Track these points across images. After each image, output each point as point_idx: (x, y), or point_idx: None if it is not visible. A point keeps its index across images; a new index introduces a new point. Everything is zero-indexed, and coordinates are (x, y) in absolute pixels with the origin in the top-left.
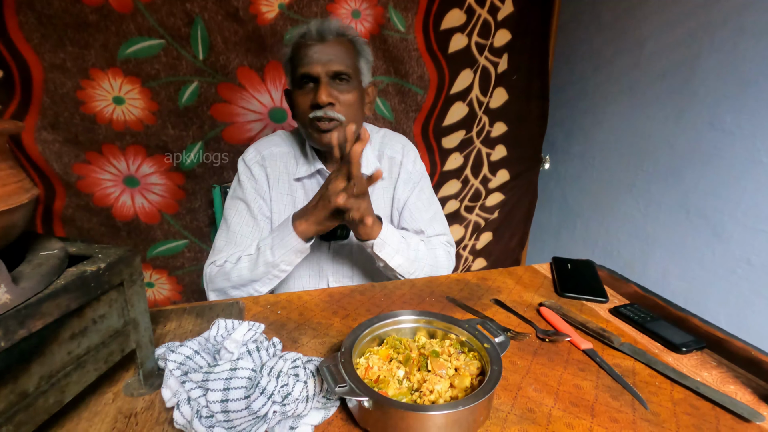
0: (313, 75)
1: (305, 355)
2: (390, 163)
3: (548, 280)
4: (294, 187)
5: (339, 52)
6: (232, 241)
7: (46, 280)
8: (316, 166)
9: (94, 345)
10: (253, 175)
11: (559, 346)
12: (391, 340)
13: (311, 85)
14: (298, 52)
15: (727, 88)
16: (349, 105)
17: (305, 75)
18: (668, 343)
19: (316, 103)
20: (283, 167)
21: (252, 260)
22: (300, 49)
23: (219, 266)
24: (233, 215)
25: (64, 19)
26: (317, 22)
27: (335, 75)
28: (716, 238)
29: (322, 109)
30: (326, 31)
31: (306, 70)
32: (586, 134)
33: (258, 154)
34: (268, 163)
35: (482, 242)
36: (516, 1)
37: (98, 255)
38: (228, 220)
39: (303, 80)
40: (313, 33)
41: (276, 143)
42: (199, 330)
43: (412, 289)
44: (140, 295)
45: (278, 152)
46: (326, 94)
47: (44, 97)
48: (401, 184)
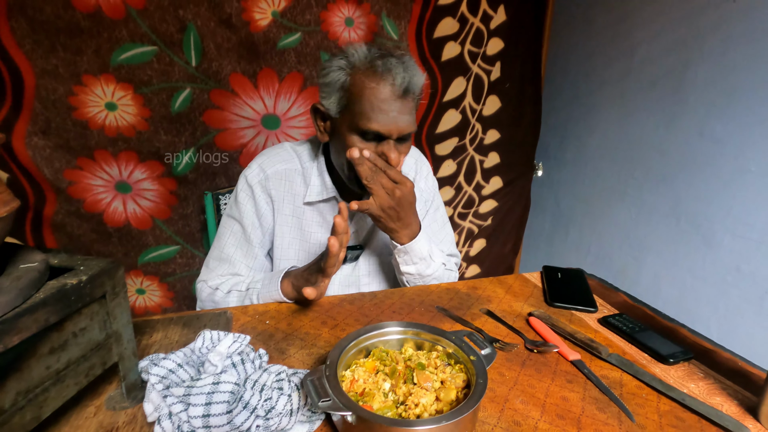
0: (385, 135)
1: (292, 366)
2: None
3: (538, 290)
4: (300, 210)
5: (411, 111)
6: (226, 261)
7: (25, 294)
8: (330, 192)
9: (75, 359)
10: (254, 197)
11: (547, 357)
12: (378, 352)
13: (373, 135)
14: (370, 96)
15: (717, 97)
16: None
17: (375, 133)
18: (656, 353)
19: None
20: (288, 187)
21: (241, 297)
22: (374, 94)
23: (211, 289)
24: (228, 236)
25: (57, 24)
26: (404, 73)
27: (403, 137)
28: (706, 246)
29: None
30: (410, 89)
31: (379, 129)
32: (579, 141)
33: (262, 172)
34: (273, 184)
35: (476, 249)
36: (509, 10)
37: (80, 267)
38: (222, 240)
39: (368, 134)
40: (397, 85)
41: (283, 159)
42: (186, 341)
43: (402, 299)
44: (123, 307)
45: (284, 170)
46: (397, 156)
47: (36, 102)
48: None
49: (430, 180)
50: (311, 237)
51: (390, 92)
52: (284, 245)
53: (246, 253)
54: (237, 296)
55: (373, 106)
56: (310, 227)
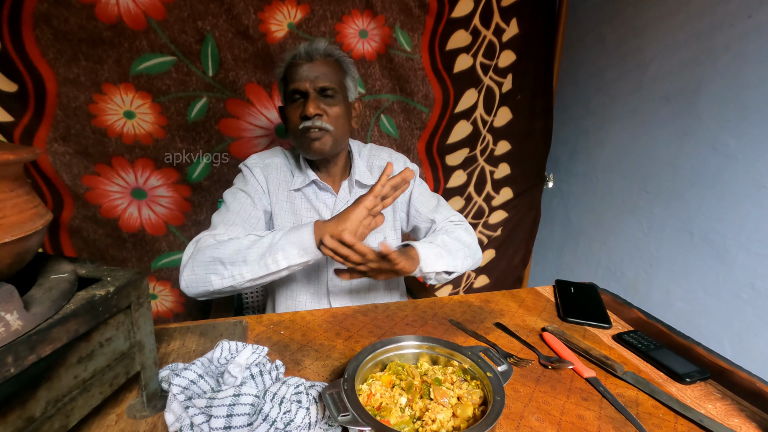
0: (302, 90)
1: (308, 378)
2: (380, 171)
3: (551, 304)
4: (293, 196)
5: (325, 70)
6: (230, 221)
7: (57, 305)
8: (311, 177)
9: (101, 368)
10: (255, 176)
11: (561, 373)
12: (394, 366)
13: (301, 99)
14: (289, 71)
15: (730, 113)
16: (336, 117)
17: (295, 90)
18: (672, 372)
19: (305, 115)
20: (282, 177)
21: (255, 239)
22: (291, 68)
23: (218, 240)
24: (232, 200)
25: (80, 35)
26: (306, 44)
27: (322, 90)
28: (720, 262)
29: (310, 120)
30: (314, 52)
31: (296, 86)
32: (590, 154)
33: (261, 160)
34: (269, 170)
35: (485, 260)
36: (521, 24)
37: (107, 278)
38: (227, 204)
39: (293, 95)
40: (302, 53)
41: (276, 155)
42: (203, 350)
43: (415, 311)
44: (147, 317)
45: (278, 163)
46: (314, 106)
47: (57, 110)
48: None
49: (410, 165)
50: (302, 220)
51: (298, 59)
52: (281, 227)
53: (250, 214)
54: (251, 238)
55: (290, 73)
56: (300, 211)
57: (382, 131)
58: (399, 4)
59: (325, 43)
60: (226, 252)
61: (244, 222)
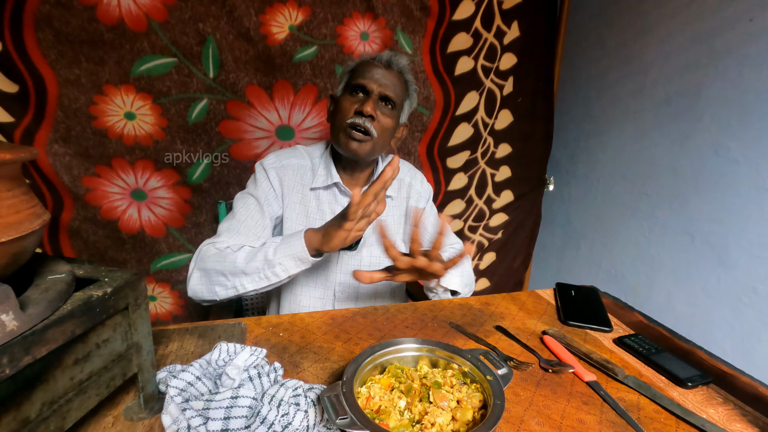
0: (367, 88)
1: (306, 381)
2: (399, 183)
3: (552, 307)
4: (307, 197)
5: (395, 83)
6: (234, 230)
7: (53, 306)
8: (334, 178)
9: (97, 370)
10: (269, 178)
11: (562, 377)
12: (393, 369)
13: (361, 95)
14: (362, 67)
15: (732, 116)
16: (385, 127)
17: (361, 86)
18: (673, 377)
19: (360, 111)
20: (298, 179)
21: (253, 252)
22: (365, 65)
23: (217, 249)
24: (241, 207)
25: (81, 36)
26: (390, 53)
27: (384, 97)
28: (721, 265)
29: (363, 118)
30: (393, 63)
31: (364, 82)
32: (591, 157)
33: (278, 161)
34: (285, 172)
35: (485, 262)
36: (522, 26)
37: (105, 279)
38: (235, 211)
39: (356, 89)
40: (383, 59)
41: (295, 155)
42: (201, 352)
43: (415, 314)
44: (144, 318)
45: (296, 164)
46: (372, 107)
47: (58, 111)
48: (413, 202)
49: (426, 184)
50: (315, 223)
51: (376, 63)
52: (292, 230)
53: (257, 222)
54: (249, 251)
55: (363, 70)
56: (314, 214)
57: None
58: (400, 7)
59: (406, 61)
60: (226, 264)
61: (248, 231)
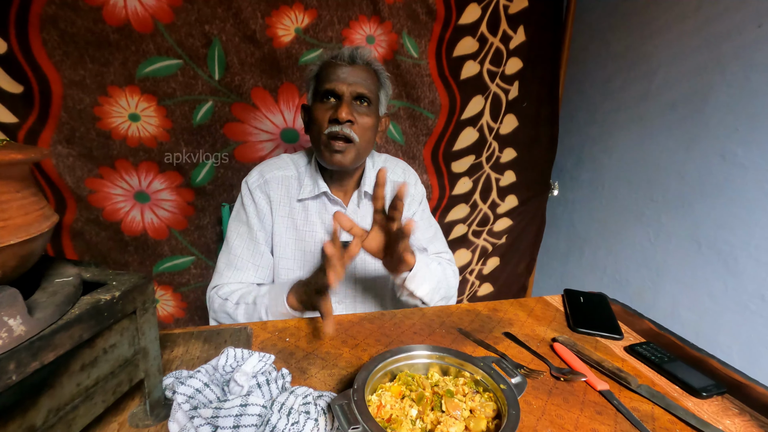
0: (338, 92)
1: (315, 388)
2: (393, 186)
3: (560, 314)
4: (295, 209)
5: (365, 77)
6: (232, 265)
7: (61, 310)
8: (321, 188)
9: (104, 375)
10: (254, 200)
11: (574, 385)
12: (404, 377)
13: (333, 101)
14: (326, 70)
15: (739, 122)
16: (366, 128)
17: (330, 91)
18: (687, 386)
19: (335, 119)
20: (284, 191)
21: (249, 310)
22: (329, 67)
23: (221, 299)
24: (235, 238)
25: (86, 37)
26: (350, 48)
27: (358, 96)
28: (728, 272)
29: (340, 125)
30: (357, 57)
31: (332, 87)
32: (595, 161)
33: (261, 177)
34: (271, 186)
35: (489, 267)
36: (528, 31)
37: (113, 282)
38: (230, 243)
39: (326, 95)
40: (345, 56)
41: (280, 166)
42: (207, 357)
43: (422, 319)
44: (152, 323)
45: (281, 176)
46: (347, 111)
47: (62, 112)
48: (405, 204)
49: (419, 186)
50: (306, 235)
51: (339, 60)
52: (282, 243)
53: (253, 252)
54: (245, 309)
55: (327, 72)
56: (304, 225)
57: (387, 137)
58: (406, 11)
59: (369, 51)
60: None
61: (246, 263)
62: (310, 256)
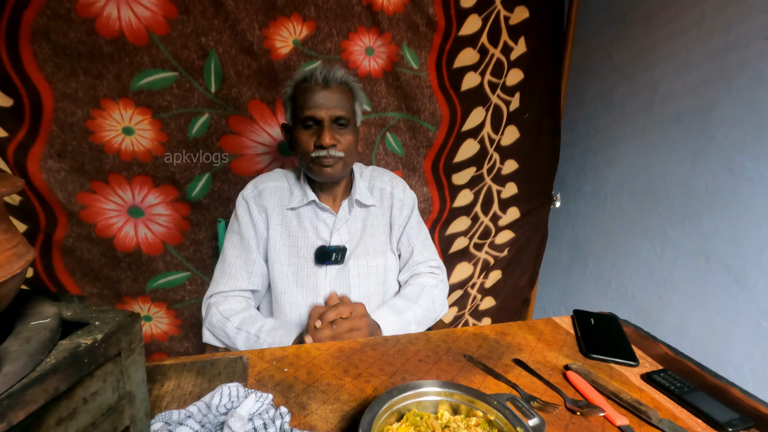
0: (317, 118)
1: (316, 427)
2: (381, 194)
3: (571, 337)
4: (288, 217)
5: (341, 99)
6: (227, 274)
7: (35, 360)
8: (310, 197)
9: (83, 427)
10: (249, 210)
11: (591, 420)
12: (411, 417)
13: (314, 127)
14: (303, 95)
15: (747, 135)
16: (348, 144)
17: (310, 117)
18: (711, 420)
19: (320, 145)
20: (277, 200)
21: (251, 341)
22: (305, 92)
23: (222, 317)
24: (229, 248)
25: (79, 49)
26: (323, 70)
27: (337, 119)
28: (739, 288)
29: (325, 150)
30: (331, 79)
31: (311, 114)
32: (598, 173)
33: (255, 189)
34: (265, 197)
35: (491, 281)
36: (529, 42)
37: (95, 322)
38: (225, 253)
39: (307, 121)
40: (318, 79)
41: (273, 178)
42: (200, 392)
43: (427, 345)
44: (138, 364)
45: (274, 186)
46: (330, 137)
47: (53, 125)
48: (396, 211)
49: (408, 192)
50: (298, 241)
51: (313, 83)
52: (276, 249)
53: (246, 260)
54: (246, 338)
55: (305, 99)
56: (297, 232)
57: (387, 149)
58: (406, 22)
59: (342, 71)
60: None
61: (239, 272)
62: (303, 261)
